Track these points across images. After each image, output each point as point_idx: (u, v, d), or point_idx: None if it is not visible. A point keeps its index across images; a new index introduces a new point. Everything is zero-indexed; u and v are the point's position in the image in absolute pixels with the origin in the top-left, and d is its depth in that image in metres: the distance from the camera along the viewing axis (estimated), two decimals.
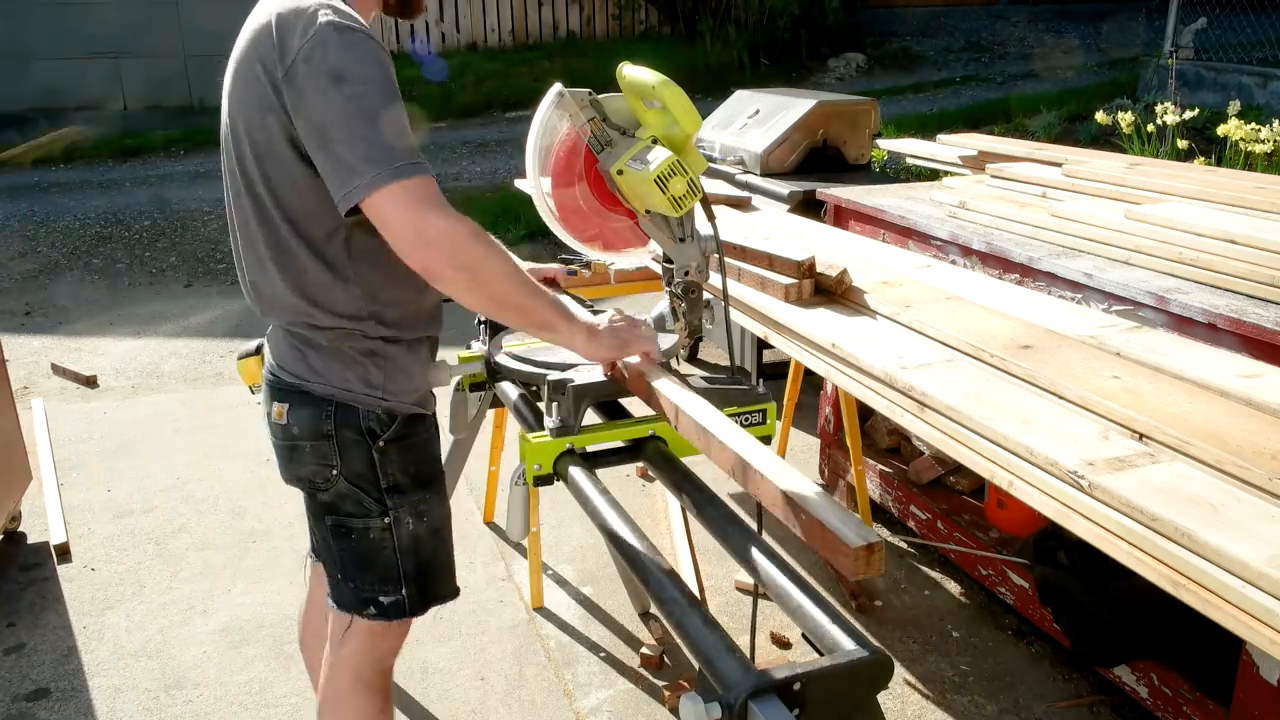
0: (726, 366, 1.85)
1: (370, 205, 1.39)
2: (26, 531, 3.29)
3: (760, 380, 1.87)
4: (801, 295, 2.30)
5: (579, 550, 3.17)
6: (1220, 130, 4.64)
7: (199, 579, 3.03)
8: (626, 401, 1.93)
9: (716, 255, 1.72)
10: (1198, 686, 2.15)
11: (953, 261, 2.74)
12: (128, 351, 5.02)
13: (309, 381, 1.61)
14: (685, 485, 1.63)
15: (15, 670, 2.62)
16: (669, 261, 1.72)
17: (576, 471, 1.70)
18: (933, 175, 4.11)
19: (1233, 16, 7.74)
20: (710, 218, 1.69)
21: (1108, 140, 6.35)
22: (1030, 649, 2.68)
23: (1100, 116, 5.31)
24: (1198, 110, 5.18)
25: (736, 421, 1.70)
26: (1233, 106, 4.74)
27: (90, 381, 4.58)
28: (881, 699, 1.16)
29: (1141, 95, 7.63)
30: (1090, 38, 11.43)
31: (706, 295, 1.78)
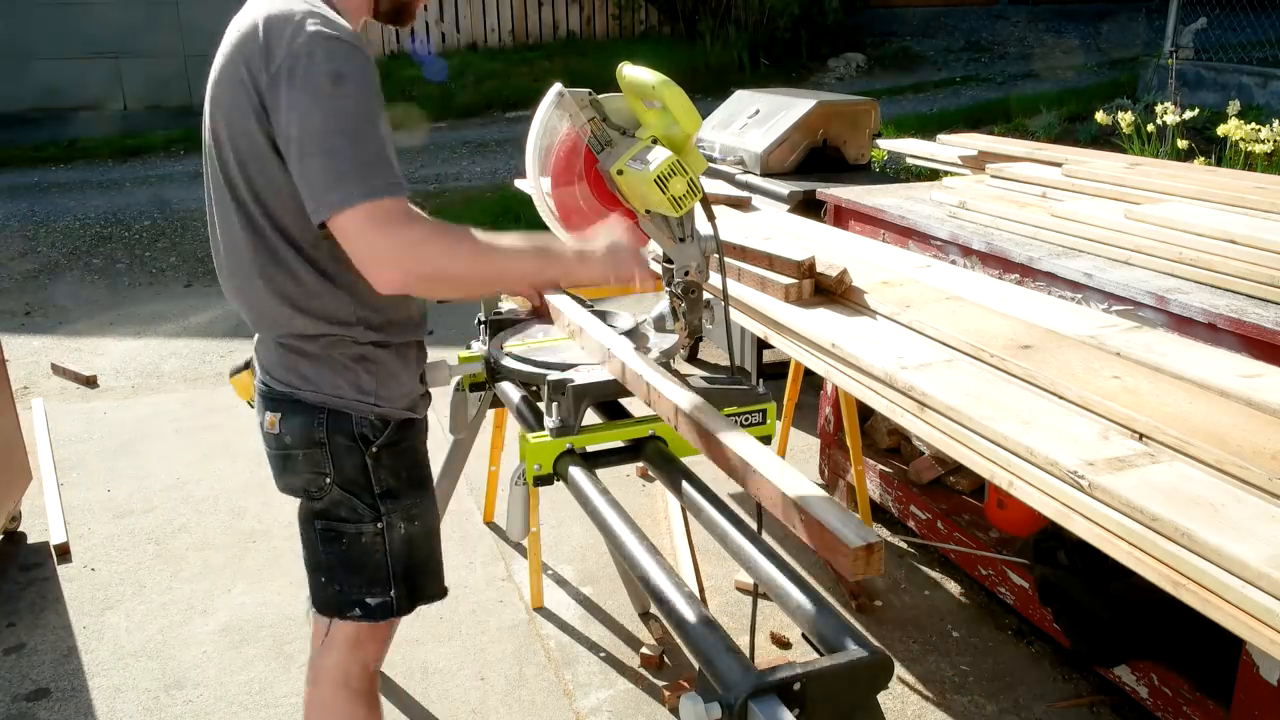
0: (726, 366, 1.85)
1: (335, 226, 1.39)
2: (26, 531, 3.29)
3: (760, 380, 1.87)
4: (801, 295, 2.30)
5: (579, 550, 3.17)
6: (1220, 130, 4.64)
7: (199, 579, 3.03)
8: (626, 401, 1.93)
9: (716, 255, 1.72)
10: (1198, 686, 2.15)
11: (953, 261, 2.74)
12: (128, 351, 5.02)
13: (300, 390, 1.60)
14: (685, 485, 1.63)
15: (15, 670, 2.62)
16: (669, 261, 1.72)
17: (576, 471, 1.70)
18: (933, 175, 4.11)
19: (1233, 16, 7.74)
20: (710, 218, 1.69)
21: (1108, 140, 6.35)
22: (1030, 649, 2.68)
23: (1100, 116, 5.31)
24: (1198, 110, 5.18)
25: (736, 421, 1.70)
26: (1233, 106, 4.74)
27: (90, 381, 4.58)
28: (881, 699, 1.16)
29: (1141, 95, 7.63)
30: (1090, 38, 11.43)
31: (706, 295, 1.78)
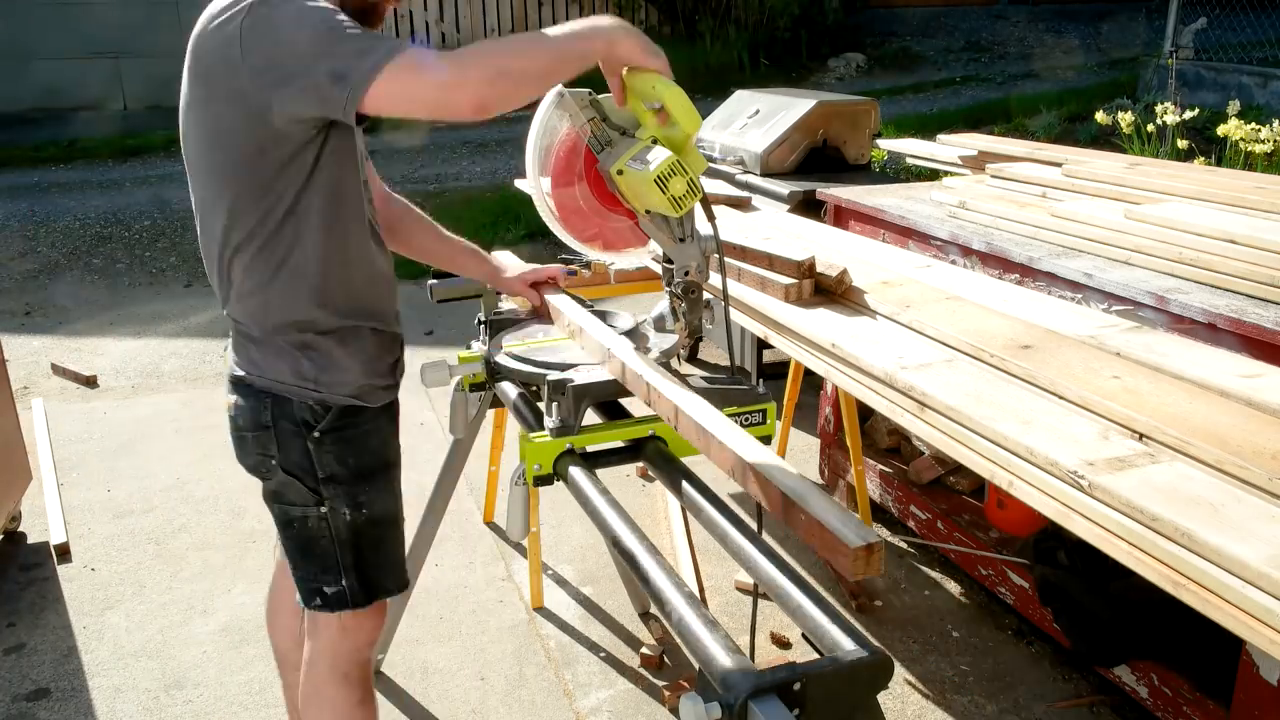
0: (726, 366, 1.85)
1: (375, 99, 1.36)
2: (26, 531, 3.29)
3: (760, 380, 1.87)
4: (801, 295, 2.30)
5: (579, 550, 3.17)
6: (1220, 130, 4.64)
7: (199, 579, 3.03)
8: (626, 401, 1.93)
9: (717, 255, 1.72)
10: (1198, 686, 2.15)
11: (953, 261, 2.74)
12: (128, 351, 5.02)
13: (249, 374, 1.67)
14: (685, 485, 1.63)
15: (15, 670, 2.62)
16: (669, 261, 1.72)
17: (576, 471, 1.70)
18: (933, 175, 4.11)
19: (1233, 16, 7.74)
20: (710, 218, 1.69)
21: (1108, 140, 6.35)
22: (1030, 649, 2.68)
23: (1100, 116, 5.31)
24: (1198, 110, 5.18)
25: (736, 421, 1.70)
26: (1233, 106, 4.74)
27: (90, 381, 4.58)
28: (881, 699, 1.16)
29: (1141, 95, 7.63)
30: (1090, 38, 11.43)
31: (706, 295, 1.78)
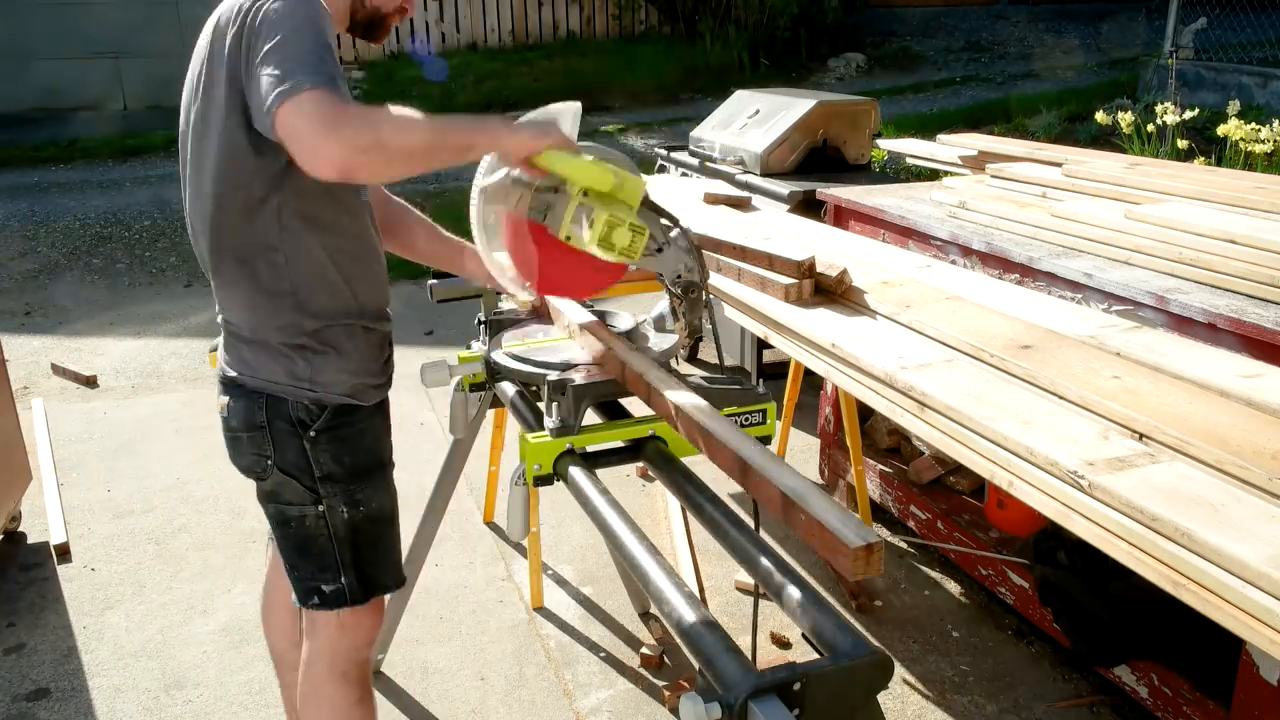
0: (726, 366, 1.85)
1: (277, 125, 1.37)
2: (26, 531, 3.29)
3: (760, 380, 1.87)
4: (801, 295, 2.30)
5: (579, 550, 3.17)
6: (1220, 130, 4.64)
7: (199, 579, 3.03)
8: (626, 401, 1.93)
9: (698, 248, 1.72)
10: (1198, 686, 2.15)
11: (953, 261, 2.74)
12: (128, 351, 5.02)
13: (242, 375, 1.65)
14: (685, 485, 1.63)
15: (15, 670, 2.62)
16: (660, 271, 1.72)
17: (576, 471, 1.70)
18: (933, 175, 4.11)
19: (1233, 16, 7.74)
20: (673, 221, 1.69)
21: (1108, 140, 6.35)
22: (1030, 649, 2.68)
23: (1100, 116, 5.31)
24: (1198, 110, 5.18)
25: (736, 421, 1.70)
26: (1233, 106, 4.74)
27: (90, 381, 4.58)
28: (881, 699, 1.16)
29: (1141, 95, 7.63)
30: (1090, 38, 11.43)
31: (707, 295, 1.78)
